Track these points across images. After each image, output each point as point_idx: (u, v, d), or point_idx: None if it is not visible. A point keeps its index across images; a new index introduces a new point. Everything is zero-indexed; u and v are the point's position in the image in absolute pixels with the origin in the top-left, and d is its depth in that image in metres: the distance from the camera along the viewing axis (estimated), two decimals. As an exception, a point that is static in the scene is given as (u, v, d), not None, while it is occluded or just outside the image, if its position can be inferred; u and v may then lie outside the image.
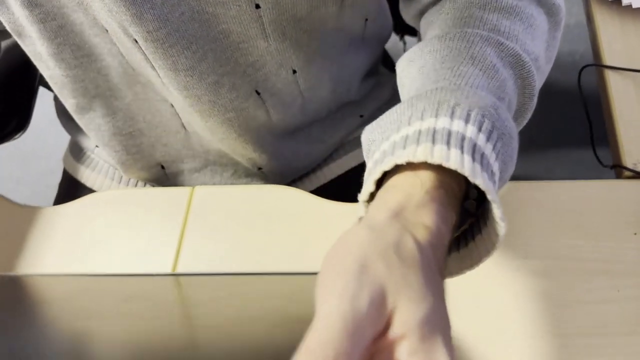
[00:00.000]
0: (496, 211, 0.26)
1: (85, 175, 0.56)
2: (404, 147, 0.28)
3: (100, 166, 0.57)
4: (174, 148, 0.50)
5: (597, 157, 0.48)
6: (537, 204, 0.41)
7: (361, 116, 0.54)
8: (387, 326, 0.23)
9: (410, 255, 0.25)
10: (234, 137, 0.45)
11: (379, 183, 0.29)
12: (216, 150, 0.49)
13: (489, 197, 0.26)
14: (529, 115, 0.36)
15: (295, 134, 0.50)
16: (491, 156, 0.28)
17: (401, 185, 0.27)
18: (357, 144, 0.55)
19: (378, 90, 0.55)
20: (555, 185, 0.42)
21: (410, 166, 0.27)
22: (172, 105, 0.46)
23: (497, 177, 0.28)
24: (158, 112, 0.47)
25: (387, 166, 0.27)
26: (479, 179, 0.26)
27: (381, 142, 0.30)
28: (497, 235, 0.27)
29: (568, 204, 0.41)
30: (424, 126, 0.28)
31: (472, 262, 0.29)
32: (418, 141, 0.27)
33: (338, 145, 0.54)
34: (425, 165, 0.27)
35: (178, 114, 0.46)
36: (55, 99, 0.58)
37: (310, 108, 0.48)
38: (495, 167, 0.28)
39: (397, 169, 0.28)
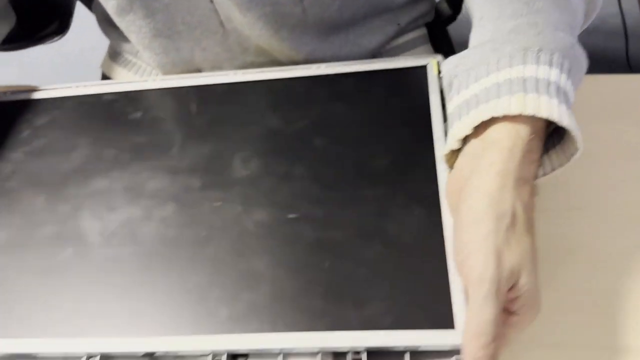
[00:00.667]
0: (578, 143, 0.32)
1: (127, 79, 0.57)
2: (498, 96, 0.32)
3: (143, 69, 0.58)
4: (213, 52, 0.52)
5: (629, 63, 0.53)
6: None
7: (398, 24, 0.57)
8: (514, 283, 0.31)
9: (523, 228, 0.31)
10: (270, 34, 0.48)
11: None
12: (254, 48, 0.51)
13: (573, 133, 0.32)
14: (593, 17, 0.41)
15: (331, 35, 0.52)
16: (570, 90, 0.33)
17: (502, 142, 0.32)
18: (395, 53, 0.58)
19: (414, 3, 0.58)
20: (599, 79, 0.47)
21: (505, 116, 0.32)
22: (212, 1, 0.47)
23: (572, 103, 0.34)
24: (197, 10, 0.48)
25: (486, 117, 0.32)
26: (566, 121, 0.31)
27: (468, 81, 0.35)
28: (572, 154, 0.34)
29: (613, 97, 0.46)
30: (514, 74, 0.33)
31: (553, 168, 0.35)
32: (511, 91, 0.32)
33: (376, 52, 0.57)
34: (519, 116, 0.32)
35: (217, 10, 0.48)
36: (96, 6, 0.58)
37: (348, 10, 0.51)
38: (572, 97, 0.34)
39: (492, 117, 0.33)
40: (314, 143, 0.43)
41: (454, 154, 0.36)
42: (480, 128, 0.33)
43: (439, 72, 0.45)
